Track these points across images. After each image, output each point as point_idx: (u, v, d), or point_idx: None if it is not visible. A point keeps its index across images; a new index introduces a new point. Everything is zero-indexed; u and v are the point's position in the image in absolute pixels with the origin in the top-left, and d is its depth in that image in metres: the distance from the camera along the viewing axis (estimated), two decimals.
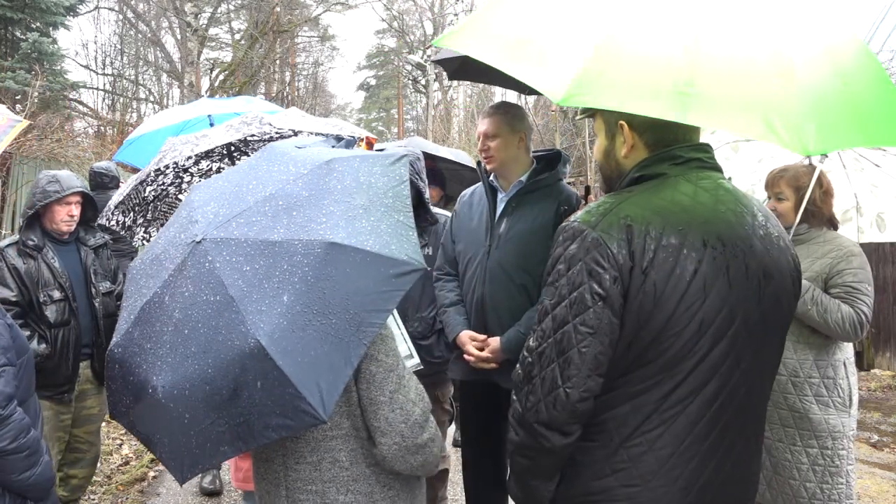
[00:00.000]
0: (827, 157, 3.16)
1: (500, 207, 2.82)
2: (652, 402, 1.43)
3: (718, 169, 1.58)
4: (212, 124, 5.18)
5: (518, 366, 1.53)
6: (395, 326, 2.07)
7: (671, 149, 1.53)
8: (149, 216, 3.56)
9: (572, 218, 1.50)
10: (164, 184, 3.51)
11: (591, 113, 1.67)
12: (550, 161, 2.84)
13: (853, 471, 2.80)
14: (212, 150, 3.45)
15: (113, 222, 3.46)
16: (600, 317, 1.39)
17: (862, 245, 3.05)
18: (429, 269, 3.09)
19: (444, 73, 3.43)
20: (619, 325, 1.40)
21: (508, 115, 2.78)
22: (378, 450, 1.72)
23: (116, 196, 3.45)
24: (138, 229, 3.55)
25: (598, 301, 1.38)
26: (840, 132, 1.35)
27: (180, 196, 3.32)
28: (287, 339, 1.51)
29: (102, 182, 5.80)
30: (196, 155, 3.39)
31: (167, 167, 3.38)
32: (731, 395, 1.47)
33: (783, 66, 1.32)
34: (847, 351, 2.87)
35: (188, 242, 1.70)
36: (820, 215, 2.90)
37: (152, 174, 3.40)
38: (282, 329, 1.52)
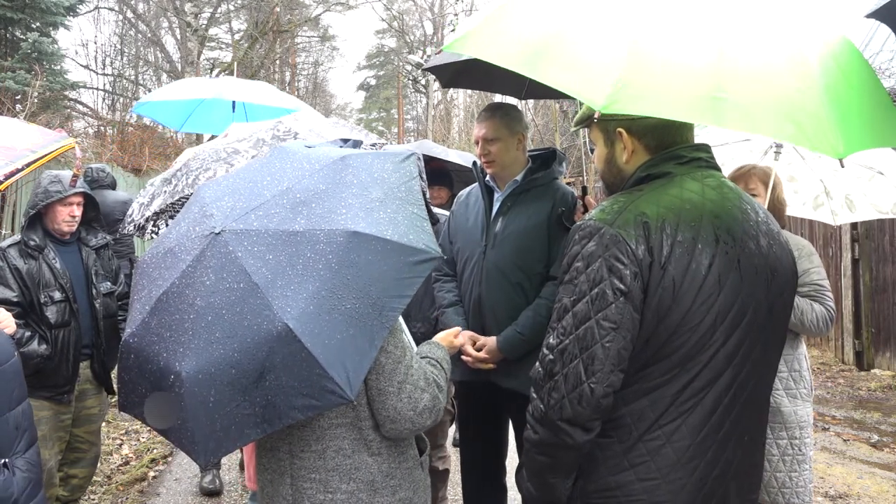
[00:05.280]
0: (781, 152, 3.30)
1: (496, 207, 2.82)
2: (669, 396, 1.45)
3: (718, 168, 1.63)
4: (234, 110, 5.19)
5: (538, 364, 1.53)
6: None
7: (674, 149, 1.56)
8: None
9: (587, 216, 1.51)
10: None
11: (586, 123, 1.68)
12: (546, 160, 2.83)
13: (812, 457, 2.94)
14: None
15: (149, 230, 3.26)
16: (622, 312, 1.41)
17: (857, 241, 3.16)
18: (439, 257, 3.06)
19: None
20: (639, 320, 1.42)
21: (507, 118, 2.77)
22: (385, 432, 1.78)
23: (144, 204, 3.18)
24: (147, 224, 3.49)
25: (620, 297, 1.41)
26: (858, 133, 1.37)
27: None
28: (314, 322, 1.58)
29: (100, 179, 5.82)
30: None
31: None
32: (743, 386, 1.50)
33: (802, 69, 1.34)
34: (804, 342, 3.03)
35: (205, 234, 1.76)
36: (782, 213, 3.01)
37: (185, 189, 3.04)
38: (309, 313, 1.59)
